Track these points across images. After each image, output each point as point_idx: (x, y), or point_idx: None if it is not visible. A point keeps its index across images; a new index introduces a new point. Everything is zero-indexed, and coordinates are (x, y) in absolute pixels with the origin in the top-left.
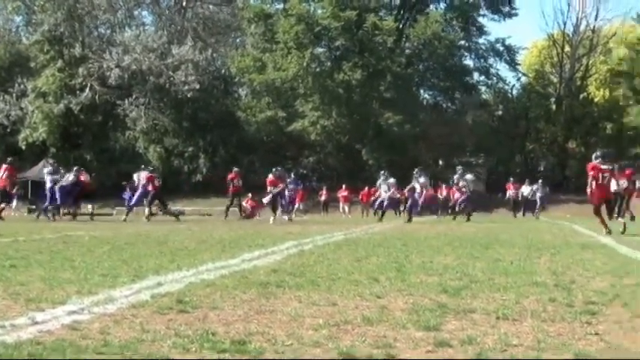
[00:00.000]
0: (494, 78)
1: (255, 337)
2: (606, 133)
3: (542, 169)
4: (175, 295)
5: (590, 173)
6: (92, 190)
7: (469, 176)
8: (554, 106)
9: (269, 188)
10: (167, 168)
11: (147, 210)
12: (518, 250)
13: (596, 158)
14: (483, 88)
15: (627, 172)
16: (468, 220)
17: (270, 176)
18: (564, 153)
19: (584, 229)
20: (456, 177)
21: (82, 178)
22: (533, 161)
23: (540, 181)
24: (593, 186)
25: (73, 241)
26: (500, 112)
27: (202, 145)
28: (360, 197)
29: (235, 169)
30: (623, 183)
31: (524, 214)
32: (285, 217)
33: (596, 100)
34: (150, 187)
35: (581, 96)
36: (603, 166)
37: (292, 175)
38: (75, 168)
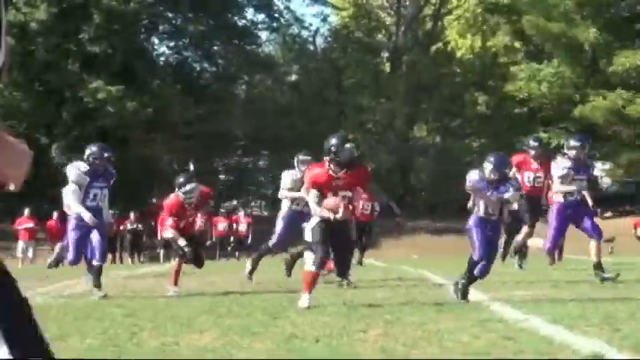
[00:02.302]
0: (284, 18)
1: None
2: (477, 110)
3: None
4: None
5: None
6: None
7: None
8: (388, 66)
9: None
10: None
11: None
12: (328, 319)
13: (179, 187)
14: (264, 36)
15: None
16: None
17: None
18: (405, 146)
19: (439, 276)
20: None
21: None
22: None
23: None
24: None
25: None
26: (294, 78)
27: None
28: (49, 228)
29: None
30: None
31: None
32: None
33: (459, 54)
34: None
35: (435, 47)
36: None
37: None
38: None
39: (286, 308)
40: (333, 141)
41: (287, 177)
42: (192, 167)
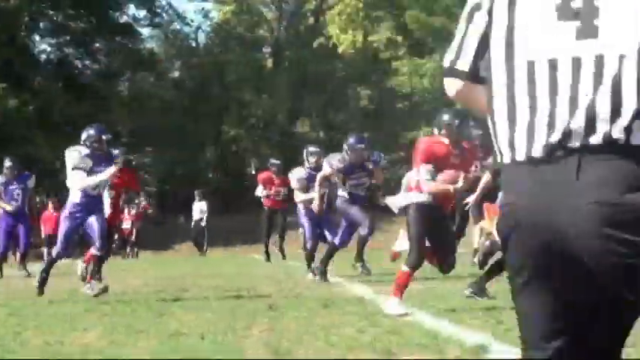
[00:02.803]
0: (166, 14)
1: None
2: (360, 105)
3: (253, 170)
4: None
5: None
6: None
7: None
8: (270, 62)
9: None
10: None
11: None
12: (213, 315)
13: None
14: (146, 32)
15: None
16: None
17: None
18: (288, 141)
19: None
20: None
21: None
22: (239, 156)
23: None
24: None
25: None
26: (176, 74)
27: None
28: None
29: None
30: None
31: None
32: None
33: (341, 49)
34: None
35: (317, 43)
36: None
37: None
38: None
39: (171, 305)
40: (449, 116)
41: (294, 178)
42: None
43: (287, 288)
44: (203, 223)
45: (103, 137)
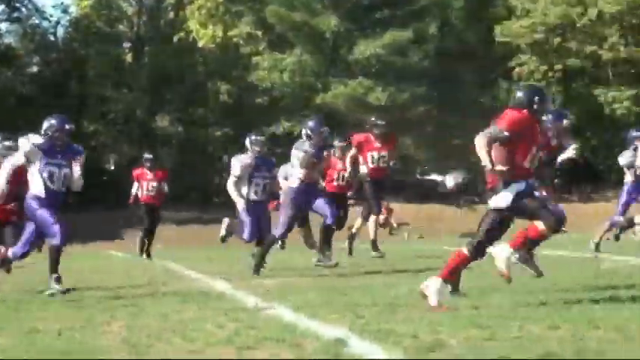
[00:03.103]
0: (25, 8)
1: None
2: (219, 100)
3: (112, 166)
4: None
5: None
6: None
7: None
8: (130, 57)
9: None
10: None
11: None
12: (70, 312)
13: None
14: (4, 27)
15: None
16: None
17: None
18: (148, 136)
19: (184, 267)
20: None
21: None
22: (98, 152)
23: None
24: None
25: None
26: (35, 69)
27: None
28: None
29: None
30: None
31: None
32: None
33: (201, 44)
34: None
35: (177, 38)
36: None
37: None
38: None
39: (28, 302)
40: (536, 94)
41: (236, 163)
42: None
43: (146, 284)
44: None
45: (67, 127)
